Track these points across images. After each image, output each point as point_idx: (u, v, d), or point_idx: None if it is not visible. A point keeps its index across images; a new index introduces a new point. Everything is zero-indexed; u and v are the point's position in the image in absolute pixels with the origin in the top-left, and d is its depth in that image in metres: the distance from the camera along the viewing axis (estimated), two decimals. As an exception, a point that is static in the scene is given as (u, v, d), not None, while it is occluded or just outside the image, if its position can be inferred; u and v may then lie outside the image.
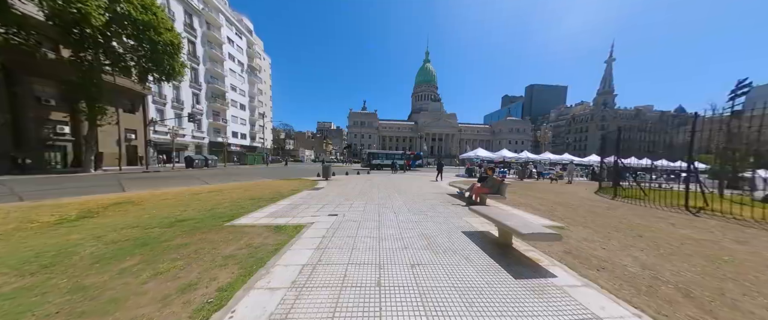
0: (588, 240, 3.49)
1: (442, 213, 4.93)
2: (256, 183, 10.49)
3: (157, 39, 17.28)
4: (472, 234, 3.48)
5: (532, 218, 4.75)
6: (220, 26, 38.89)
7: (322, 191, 8.12)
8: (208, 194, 7.16)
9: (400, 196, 7.18)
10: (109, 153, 21.49)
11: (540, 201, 7.23)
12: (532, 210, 5.69)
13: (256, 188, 8.60)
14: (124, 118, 25.21)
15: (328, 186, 9.69)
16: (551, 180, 15.76)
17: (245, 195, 7.04)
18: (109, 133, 21.48)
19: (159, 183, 10.75)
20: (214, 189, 8.36)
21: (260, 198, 6.54)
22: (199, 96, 36.65)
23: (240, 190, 8.03)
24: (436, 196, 7.37)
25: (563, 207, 6.25)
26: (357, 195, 7.38)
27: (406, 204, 5.83)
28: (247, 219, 4.19)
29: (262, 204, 5.69)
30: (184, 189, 8.10)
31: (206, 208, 5.15)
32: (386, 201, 6.20)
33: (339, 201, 6.10)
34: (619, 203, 7.40)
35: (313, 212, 4.80)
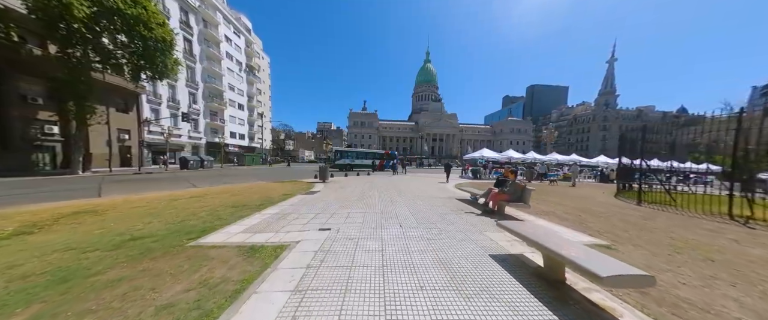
0: (655, 269, 2.69)
1: (457, 225, 4.13)
2: (247, 186, 9.69)
3: (148, 35, 16.51)
4: (505, 261, 2.67)
5: (567, 233, 3.95)
6: (217, 24, 38.18)
7: (317, 195, 7.33)
8: (188, 200, 6.36)
9: (404, 202, 6.38)
10: (100, 153, 20.72)
11: (561, 207, 6.43)
12: (559, 221, 4.89)
13: (245, 192, 7.81)
14: (117, 117, 24.47)
15: (325, 189, 8.89)
16: (551, 182, 14.82)
17: (229, 201, 6.24)
18: (101, 133, 20.72)
19: (143, 187, 9.96)
20: (198, 193, 7.57)
21: (245, 205, 5.74)
22: (196, 95, 35.91)
23: (226, 195, 7.24)
24: (444, 202, 6.57)
25: (592, 216, 5.45)
26: (356, 200, 6.59)
27: (413, 213, 5.03)
28: (219, 236, 3.39)
29: (244, 213, 4.89)
30: (163, 194, 7.30)
31: (177, 219, 4.36)
32: (389, 208, 5.40)
33: (334, 209, 5.30)
34: (649, 210, 6.59)
35: (303, 224, 4.00)
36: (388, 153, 31.58)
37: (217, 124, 39.80)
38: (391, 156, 31.16)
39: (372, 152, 30.54)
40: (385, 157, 30.56)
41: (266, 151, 54.65)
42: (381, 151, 32.00)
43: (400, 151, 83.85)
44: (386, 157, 30.69)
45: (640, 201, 8.00)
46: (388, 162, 30.06)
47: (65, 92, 16.45)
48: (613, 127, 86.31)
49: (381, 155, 30.60)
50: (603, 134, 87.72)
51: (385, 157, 30.48)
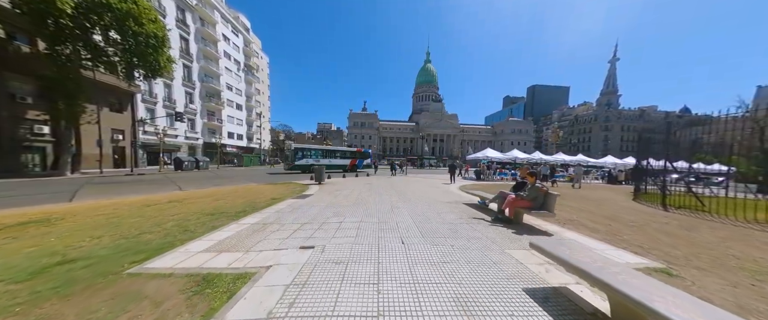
0: (754, 312, 1.96)
1: (472, 240, 3.40)
2: (235, 189, 8.98)
3: (139, 30, 15.87)
4: (547, 300, 1.94)
5: (606, 249, 3.22)
6: (214, 23, 37.59)
7: (309, 200, 6.61)
8: (162, 206, 5.65)
9: (407, 208, 5.65)
10: (93, 154, 20.07)
11: (583, 214, 5.70)
12: (588, 232, 4.15)
13: (230, 196, 7.09)
14: (111, 117, 23.83)
15: (319, 192, 8.17)
16: (553, 184, 13.93)
17: (209, 207, 5.52)
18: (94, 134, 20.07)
19: (125, 190, 9.26)
20: (178, 197, 6.85)
21: (224, 212, 5.02)
22: (193, 95, 35.29)
23: (208, 199, 6.52)
24: (451, 208, 5.84)
25: (624, 226, 4.71)
26: (351, 205, 5.86)
27: (417, 222, 4.31)
28: (173, 258, 2.67)
29: (219, 223, 4.17)
30: (138, 199, 6.59)
31: (135, 232, 3.64)
32: (389, 217, 4.68)
33: (325, 217, 4.58)
34: (681, 217, 5.85)
35: (282, 239, 3.27)
36: (361, 150, 26.97)
37: (215, 124, 39.17)
38: (365, 154, 26.69)
39: (342, 150, 26.03)
40: (357, 155, 25.98)
41: (265, 152, 54.00)
42: (352, 149, 27.04)
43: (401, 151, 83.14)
44: (358, 155, 26.11)
45: (666, 206, 7.28)
46: (361, 162, 25.59)
47: (53, 91, 15.84)
48: (615, 127, 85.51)
49: (353, 153, 26.11)
50: (605, 134, 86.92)
51: (358, 156, 25.98)
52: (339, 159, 24.21)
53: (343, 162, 24.10)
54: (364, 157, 26.54)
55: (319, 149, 23.82)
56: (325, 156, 23.07)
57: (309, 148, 22.97)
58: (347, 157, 25.16)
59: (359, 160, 25.59)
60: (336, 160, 23.87)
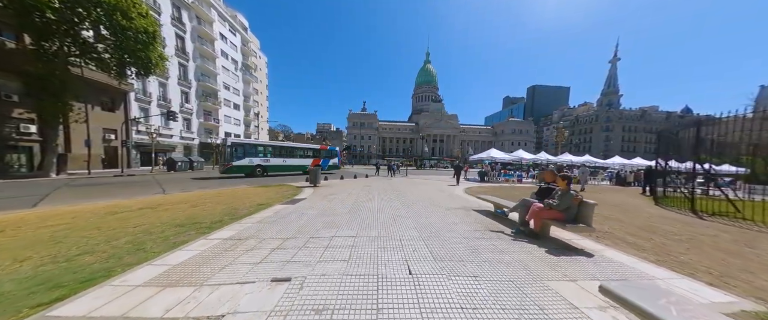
0: None
1: (497, 264, 2.66)
2: (221, 192, 8.23)
3: (128, 25, 15.15)
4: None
5: (675, 279, 2.49)
6: (211, 21, 36.90)
7: (299, 205, 5.87)
8: (131, 214, 4.91)
9: (411, 216, 4.92)
10: (82, 154, 19.33)
11: (612, 223, 4.97)
12: (635, 251, 3.42)
13: (211, 201, 6.35)
14: (103, 116, 23.10)
15: (313, 196, 7.43)
16: None
17: (181, 215, 4.77)
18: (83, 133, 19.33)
19: (104, 193, 8.51)
20: (152, 203, 6.11)
21: (197, 222, 4.28)
22: (189, 94, 34.55)
23: (184, 206, 5.78)
24: (462, 216, 5.11)
25: (668, 240, 3.98)
26: (346, 213, 5.13)
27: (425, 236, 3.57)
28: (95, 297, 1.94)
29: (184, 238, 3.43)
30: (108, 205, 5.85)
31: (73, 252, 2.90)
32: (391, 230, 3.94)
33: (314, 230, 3.84)
34: (725, 226, 5.13)
35: (253, 265, 2.53)
36: (326, 147, 22.84)
37: (212, 124, 38.42)
38: (331, 152, 22.68)
39: (302, 147, 21.54)
40: (321, 153, 21.82)
41: (263, 152, 53.21)
42: (314, 146, 22.62)
43: (401, 152, 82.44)
44: (323, 153, 21.97)
45: (696, 212, 6.57)
46: (325, 162, 21.75)
47: (37, 88, 15.14)
48: (616, 127, 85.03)
49: (316, 152, 21.64)
50: (606, 135, 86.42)
51: (322, 154, 21.84)
52: (297, 158, 20.07)
53: (303, 163, 19.85)
54: (331, 155, 22.53)
55: (269, 146, 18.77)
56: (277, 154, 18.80)
57: (253, 145, 17.70)
58: (309, 155, 21.08)
59: (324, 159, 21.70)
60: (293, 159, 19.64)
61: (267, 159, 17.67)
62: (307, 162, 20.12)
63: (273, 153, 18.43)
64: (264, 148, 18.33)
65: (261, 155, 17.50)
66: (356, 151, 76.33)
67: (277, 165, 18.26)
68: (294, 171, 19.21)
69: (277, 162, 18.33)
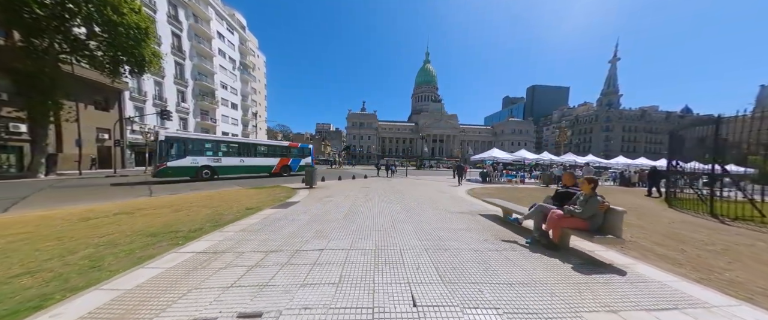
0: None
1: (518, 286, 2.22)
2: (211, 195, 7.76)
3: (119, 20, 14.67)
4: None
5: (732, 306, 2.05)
6: (209, 20, 36.42)
7: (291, 210, 5.42)
8: (105, 220, 4.45)
9: (412, 222, 4.47)
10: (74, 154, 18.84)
11: (633, 230, 4.53)
12: (669, 264, 2.98)
13: (196, 206, 5.89)
14: (96, 115, 22.63)
15: (307, 199, 6.99)
16: None
17: (158, 222, 4.32)
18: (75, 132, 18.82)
19: (85, 195, 8.04)
20: (133, 207, 5.64)
21: (174, 231, 3.83)
22: (186, 93, 34.09)
23: (167, 210, 5.33)
24: (467, 221, 4.67)
25: (701, 251, 3.55)
26: (341, 219, 4.68)
27: (429, 248, 3.13)
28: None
29: (153, 251, 2.98)
30: (83, 210, 5.38)
31: (14, 272, 2.45)
32: (389, 239, 3.49)
33: (302, 240, 3.40)
34: (754, 233, 4.70)
35: (222, 291, 2.08)
36: (296, 145, 19.48)
37: (209, 124, 37.96)
38: (303, 150, 19.41)
39: (265, 144, 17.56)
40: (290, 151, 18.38)
41: (261, 152, 52.70)
42: (282, 143, 19.06)
43: (400, 152, 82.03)
44: (293, 152, 18.59)
45: (716, 216, 6.15)
46: (296, 161, 18.47)
47: (27, 86, 14.67)
48: (616, 127, 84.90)
49: (283, 150, 18.02)
50: (606, 135, 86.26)
51: (293, 153, 18.49)
52: (259, 157, 16.44)
53: (267, 163, 16.64)
54: (303, 154, 19.34)
55: (220, 142, 15.21)
56: (232, 152, 15.19)
57: (197, 140, 14.06)
58: (275, 153, 17.50)
59: (294, 159, 18.41)
60: (253, 159, 16.03)
61: (218, 158, 14.35)
62: (272, 163, 16.98)
63: (227, 151, 15.00)
64: (214, 144, 14.66)
65: (210, 153, 14.13)
66: (356, 151, 75.86)
67: (231, 166, 14.94)
68: (255, 173, 16.07)
69: (232, 163, 14.93)
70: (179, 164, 12.74)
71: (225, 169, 14.72)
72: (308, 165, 18.28)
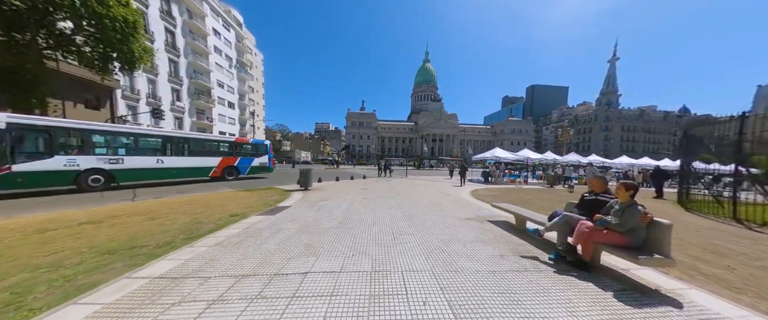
0: None
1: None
2: (194, 198, 7.19)
3: (104, 12, 13.99)
4: None
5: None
6: (204, 16, 35.67)
7: (279, 217, 4.87)
8: (65, 231, 3.89)
9: (416, 234, 3.95)
10: (60, 154, 18.14)
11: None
12: (727, 289, 2.48)
13: (177, 211, 5.33)
14: (86, 115, 21.84)
15: (299, 203, 6.44)
16: (570, 189, 12.15)
17: (124, 234, 3.76)
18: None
19: (62, 200, 7.45)
20: (101, 215, 5.07)
21: (138, 246, 3.28)
22: (181, 92, 33.39)
23: (141, 218, 4.77)
24: (477, 231, 4.15)
25: (754, 268, 3.03)
26: (335, 228, 4.15)
27: (437, 271, 2.60)
28: None
29: (102, 277, 2.43)
30: (44, 218, 4.81)
31: None
32: (389, 257, 2.96)
33: (286, 258, 2.86)
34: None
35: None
36: (247, 139, 15.50)
37: (205, 123, 37.27)
38: (256, 147, 15.37)
39: (198, 138, 13.22)
40: (237, 150, 14.34)
41: (259, 152, 51.99)
42: (224, 138, 15.24)
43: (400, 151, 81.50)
44: (241, 150, 14.52)
45: (740, 220, 5.68)
46: (246, 161, 14.52)
47: (7, 82, 13.97)
48: (615, 127, 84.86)
49: (226, 147, 14.00)
50: (605, 134, 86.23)
51: (242, 150, 14.53)
52: (188, 156, 12.12)
53: (200, 164, 12.48)
54: (256, 152, 15.20)
55: (119, 133, 10.54)
56: (142, 148, 10.78)
57: (74, 129, 9.35)
58: (212, 151, 13.28)
59: (244, 158, 14.42)
60: (178, 158, 11.68)
61: (116, 157, 9.87)
62: (208, 164, 12.77)
63: (132, 147, 10.45)
64: (109, 136, 10.06)
65: (102, 150, 9.69)
66: (355, 151, 75.26)
67: (140, 169, 10.42)
68: (181, 177, 11.71)
69: (141, 164, 10.46)
70: (38, 168, 8.09)
71: (129, 174, 10.12)
72: (264, 165, 15.73)
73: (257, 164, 15.33)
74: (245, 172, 14.77)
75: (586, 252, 2.74)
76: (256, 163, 15.25)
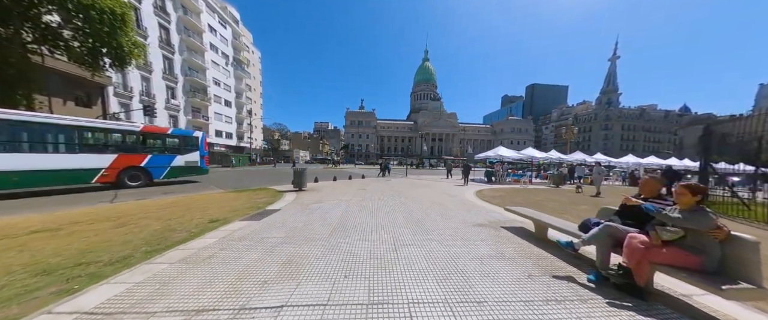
0: None
1: None
2: (174, 201, 6.59)
3: (89, 3, 13.31)
4: None
5: None
6: (199, 12, 34.90)
7: (266, 222, 4.29)
8: (8, 243, 3.30)
9: (422, 245, 3.37)
10: (48, 153, 17.49)
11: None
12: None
13: (150, 216, 4.73)
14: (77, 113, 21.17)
15: (291, 206, 5.86)
16: (578, 189, 11.45)
17: (79, 246, 3.17)
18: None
19: (36, 202, 6.84)
20: (63, 221, 4.48)
21: (86, 263, 2.69)
22: (175, 90, 32.67)
23: (107, 224, 4.17)
24: (494, 241, 3.58)
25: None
26: (326, 237, 3.57)
27: (453, 301, 2.03)
28: None
29: (15, 311, 1.86)
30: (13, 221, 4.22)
31: None
32: (390, 279, 2.39)
33: (257, 284, 2.27)
34: None
35: None
36: (163, 129, 11.83)
37: (201, 122, 36.56)
38: (184, 140, 11.76)
39: (76, 126, 8.55)
40: (149, 141, 10.77)
41: (256, 152, 51.41)
42: (124, 125, 10.68)
43: (399, 151, 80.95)
44: (148, 144, 10.62)
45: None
46: (163, 160, 10.88)
47: (-10, 78, 13.31)
48: (616, 126, 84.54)
49: (126, 138, 10.21)
50: (605, 133, 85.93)
51: (153, 145, 10.86)
52: (60, 153, 8.29)
53: (77, 165, 8.43)
54: (179, 147, 11.43)
55: None
56: None
57: None
58: (99, 145, 9.45)
59: (157, 155, 10.64)
60: (40, 155, 7.80)
61: None
62: (91, 164, 8.73)
63: None
64: None
65: None
66: (354, 151, 74.65)
67: None
68: (45, 184, 7.97)
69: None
70: None
71: None
72: (194, 165, 11.60)
73: (182, 163, 11.22)
74: (161, 175, 10.64)
75: (640, 274, 2.16)
76: (179, 163, 11.13)
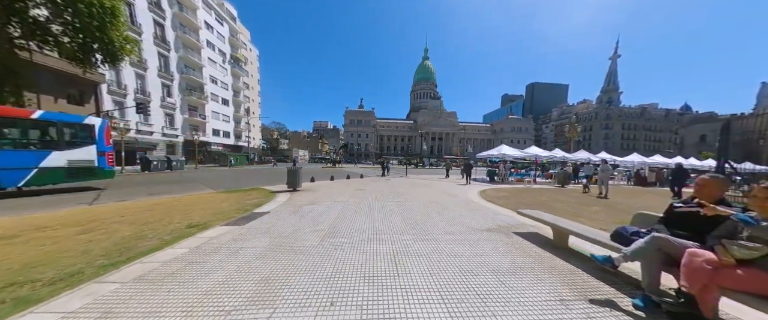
0: None
1: None
2: (160, 201, 6.11)
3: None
4: None
5: None
6: (195, 8, 34.31)
7: (250, 227, 3.83)
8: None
9: (425, 255, 2.91)
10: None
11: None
12: None
13: (124, 221, 4.26)
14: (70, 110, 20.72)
15: (282, 208, 5.40)
16: (585, 188, 10.95)
17: (22, 259, 2.70)
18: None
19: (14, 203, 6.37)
20: (24, 226, 4.00)
21: (25, 281, 2.22)
22: (171, 88, 32.12)
23: (72, 230, 3.70)
24: (508, 251, 3.12)
25: None
26: (315, 247, 3.10)
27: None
28: None
29: None
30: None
31: None
32: (387, 309, 1.94)
33: (229, 307, 1.82)
34: None
35: None
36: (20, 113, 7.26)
37: (198, 120, 36.00)
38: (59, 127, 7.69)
39: None
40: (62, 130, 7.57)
41: (254, 151, 50.84)
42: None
43: (399, 150, 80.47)
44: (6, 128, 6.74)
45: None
46: (20, 160, 6.95)
47: (-26, 74, 12.78)
48: (616, 125, 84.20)
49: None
50: (605, 132, 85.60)
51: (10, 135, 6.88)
52: None
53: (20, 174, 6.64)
54: (59, 140, 7.78)
55: None
56: None
57: None
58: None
59: (15, 151, 7.03)
60: None
61: None
62: None
63: None
64: None
65: None
66: (354, 150, 74.17)
67: None
68: None
69: None
70: None
71: None
72: (88, 166, 8.34)
73: (62, 164, 7.70)
74: (21, 182, 7.07)
75: (705, 303, 1.70)
76: (55, 162, 7.60)
